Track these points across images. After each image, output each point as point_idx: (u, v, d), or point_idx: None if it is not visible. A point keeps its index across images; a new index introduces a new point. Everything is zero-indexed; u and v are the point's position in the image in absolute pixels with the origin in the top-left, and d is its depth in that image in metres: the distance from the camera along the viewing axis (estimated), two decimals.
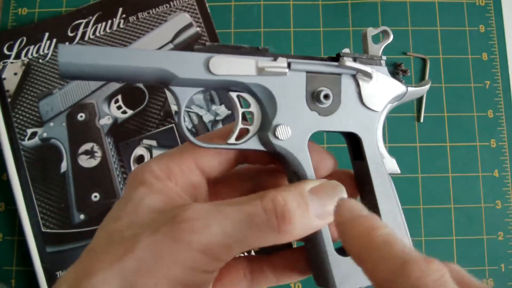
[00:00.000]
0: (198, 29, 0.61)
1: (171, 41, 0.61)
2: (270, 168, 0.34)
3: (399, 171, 0.32)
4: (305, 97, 0.31)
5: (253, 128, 0.31)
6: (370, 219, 0.23)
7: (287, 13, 0.63)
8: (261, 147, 0.30)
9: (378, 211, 0.31)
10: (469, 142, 0.60)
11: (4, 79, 0.59)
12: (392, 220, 0.31)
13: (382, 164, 0.32)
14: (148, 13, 0.62)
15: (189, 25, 0.61)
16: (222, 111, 0.59)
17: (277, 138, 0.30)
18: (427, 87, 0.34)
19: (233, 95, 0.30)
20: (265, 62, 0.30)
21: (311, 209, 0.27)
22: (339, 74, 0.31)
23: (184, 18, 0.61)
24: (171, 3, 0.62)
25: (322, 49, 0.62)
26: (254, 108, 0.31)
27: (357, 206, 0.24)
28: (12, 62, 0.60)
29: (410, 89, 0.33)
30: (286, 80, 0.30)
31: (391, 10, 0.64)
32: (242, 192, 0.33)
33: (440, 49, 0.62)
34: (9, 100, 0.59)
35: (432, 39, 0.63)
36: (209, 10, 0.61)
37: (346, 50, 0.32)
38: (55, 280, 0.54)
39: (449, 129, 0.60)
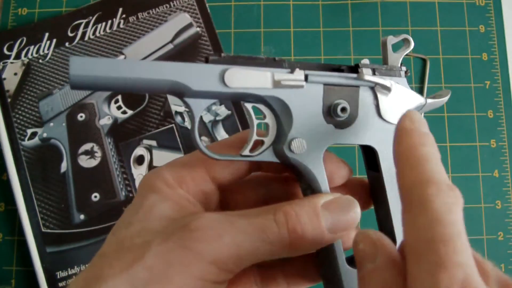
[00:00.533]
0: (198, 29, 0.61)
1: (171, 41, 0.61)
2: (283, 176, 0.34)
3: None
4: (321, 109, 0.30)
5: (267, 140, 0.30)
6: (425, 136, 0.24)
7: (287, 13, 0.63)
8: (275, 159, 0.30)
9: (391, 223, 0.31)
10: (469, 142, 0.60)
11: (4, 79, 0.59)
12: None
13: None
14: (148, 13, 0.62)
15: (189, 25, 0.61)
16: (222, 111, 0.59)
17: (292, 151, 0.29)
18: (446, 98, 0.34)
19: (248, 106, 0.30)
20: (281, 74, 0.29)
21: (323, 224, 0.27)
22: (357, 86, 0.31)
23: (184, 18, 0.61)
24: (171, 3, 0.62)
25: (322, 49, 0.62)
26: (269, 120, 0.30)
27: (421, 120, 0.25)
28: (12, 62, 0.60)
29: (429, 101, 0.33)
30: (303, 92, 0.29)
31: (391, 10, 0.64)
32: (254, 199, 0.33)
33: (440, 49, 0.62)
34: (9, 100, 0.59)
35: (432, 39, 0.63)
36: (209, 10, 0.61)
37: (366, 61, 0.31)
38: (55, 280, 0.54)
39: (449, 129, 0.60)
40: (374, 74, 0.31)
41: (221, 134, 0.58)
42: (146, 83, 0.27)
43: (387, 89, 0.31)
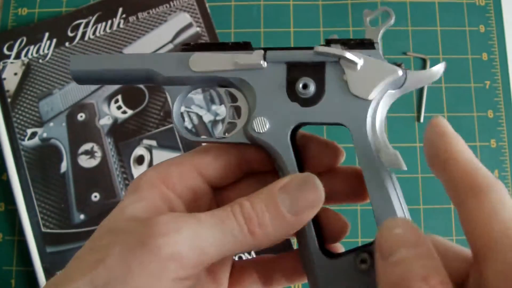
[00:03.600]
0: (198, 29, 0.61)
1: (171, 41, 0.61)
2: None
3: (403, 167, 0.28)
4: (285, 88, 0.30)
5: (239, 123, 0.31)
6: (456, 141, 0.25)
7: (287, 13, 0.63)
8: (246, 141, 0.30)
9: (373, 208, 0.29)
10: (469, 142, 0.60)
11: (4, 79, 0.59)
12: (388, 217, 0.28)
13: (374, 157, 0.29)
14: (148, 13, 0.62)
15: (189, 25, 0.61)
16: (222, 111, 0.59)
17: (254, 130, 0.29)
18: (438, 69, 0.31)
19: (221, 90, 0.31)
20: (240, 56, 0.30)
21: (281, 208, 0.26)
22: (323, 62, 0.30)
23: (184, 18, 0.61)
24: (171, 3, 0.62)
25: None
26: (240, 102, 0.31)
27: (447, 127, 0.25)
28: (12, 62, 0.60)
29: (411, 73, 0.30)
30: (265, 72, 0.30)
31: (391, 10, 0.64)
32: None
33: (440, 49, 0.62)
34: (9, 100, 0.59)
35: (432, 39, 0.63)
36: (209, 10, 0.61)
37: (334, 36, 0.31)
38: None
39: None
40: (344, 48, 0.30)
41: (221, 134, 0.58)
42: (127, 73, 0.31)
43: (352, 62, 0.29)
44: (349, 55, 0.29)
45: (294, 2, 0.64)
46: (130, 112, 0.59)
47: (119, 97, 0.59)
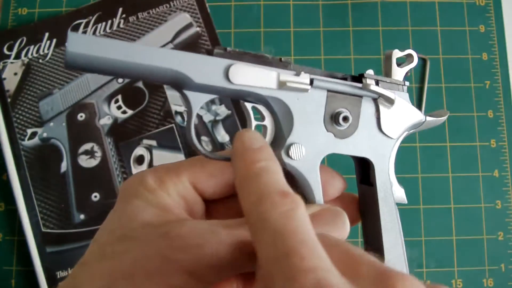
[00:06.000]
0: (198, 29, 0.61)
1: (171, 41, 0.61)
2: None
3: (406, 201, 0.31)
4: (323, 117, 0.29)
5: None
6: (257, 152, 0.23)
7: (287, 13, 0.63)
8: None
9: (380, 240, 0.30)
10: (469, 142, 0.60)
11: (4, 79, 0.59)
12: (393, 251, 0.30)
13: (391, 192, 0.30)
14: (148, 13, 0.62)
15: (189, 25, 0.61)
16: (222, 111, 0.59)
17: (290, 157, 0.28)
18: (444, 118, 0.33)
19: (248, 106, 0.29)
20: (288, 76, 0.28)
21: None
22: (360, 96, 0.30)
23: (184, 18, 0.61)
24: (171, 3, 0.62)
25: (322, 49, 0.62)
26: (268, 122, 0.29)
27: (251, 137, 0.23)
28: (12, 62, 0.60)
29: (428, 119, 0.32)
30: (306, 97, 0.29)
31: (391, 10, 0.64)
32: (239, 212, 0.32)
33: (440, 49, 0.62)
34: (9, 100, 0.59)
35: (432, 39, 0.63)
36: (209, 10, 0.61)
37: (370, 72, 0.31)
38: (55, 280, 0.54)
39: (449, 129, 0.60)
40: (377, 85, 0.30)
41: (221, 134, 0.58)
42: (147, 70, 0.25)
43: (391, 101, 0.30)
44: (394, 96, 0.30)
45: (294, 2, 0.64)
46: (130, 112, 0.59)
47: (119, 97, 0.59)
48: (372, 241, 0.31)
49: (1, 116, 0.58)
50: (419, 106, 0.61)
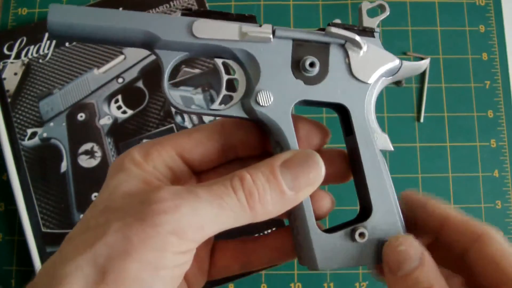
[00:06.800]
0: None
1: None
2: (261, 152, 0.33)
3: (391, 148, 0.31)
4: (290, 64, 0.30)
5: (236, 95, 0.30)
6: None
7: (287, 13, 0.63)
8: (243, 115, 0.30)
9: (366, 187, 0.30)
10: (469, 142, 0.60)
11: (4, 79, 0.59)
12: (381, 197, 0.30)
13: (372, 138, 0.30)
14: (148, 13, 0.62)
15: None
16: None
17: (259, 104, 0.29)
18: (424, 62, 0.33)
19: (219, 61, 0.30)
20: (249, 27, 0.30)
21: (282, 184, 0.26)
22: (328, 43, 0.31)
23: None
24: (171, 3, 0.62)
25: None
26: (238, 75, 0.30)
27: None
28: (12, 62, 0.60)
29: (405, 63, 0.32)
30: (271, 47, 0.30)
31: (391, 10, 0.63)
32: None
33: (440, 49, 0.62)
34: (9, 100, 0.59)
35: (432, 39, 0.63)
36: None
37: (337, 21, 0.31)
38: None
39: (449, 129, 0.60)
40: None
41: None
42: (119, 32, 0.28)
43: (357, 45, 0.30)
44: (359, 38, 0.30)
45: (294, 2, 0.64)
46: (130, 112, 0.59)
47: (119, 97, 0.59)
48: (361, 193, 0.31)
49: (1, 116, 0.58)
50: (419, 106, 0.61)
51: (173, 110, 0.59)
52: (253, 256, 0.33)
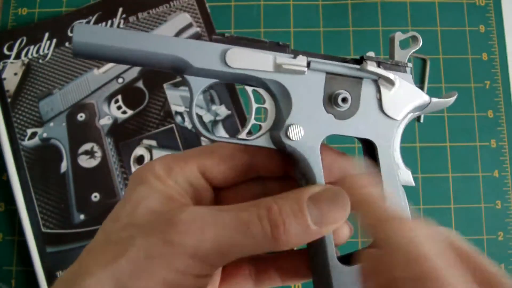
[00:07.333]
0: (198, 29, 0.61)
1: None
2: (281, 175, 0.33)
3: (413, 184, 0.31)
4: (322, 98, 0.30)
5: (265, 125, 0.30)
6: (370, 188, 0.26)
7: (287, 13, 0.63)
8: (271, 146, 0.29)
9: None
10: (469, 142, 0.60)
11: (4, 79, 0.59)
12: None
13: (396, 174, 0.30)
14: (148, 13, 0.62)
15: (189, 25, 0.61)
16: (222, 111, 0.59)
17: (289, 138, 0.29)
18: (452, 99, 0.33)
19: (249, 89, 0.30)
20: (284, 58, 0.29)
21: (308, 219, 0.26)
22: (360, 78, 0.30)
23: (184, 18, 0.61)
24: (171, 3, 0.62)
25: (322, 49, 0.62)
26: (268, 105, 0.30)
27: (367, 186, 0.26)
28: (12, 62, 0.60)
29: (434, 100, 0.32)
30: (305, 79, 0.29)
31: (391, 10, 0.64)
32: (249, 199, 0.32)
33: (440, 49, 0.62)
34: (9, 100, 0.59)
35: (432, 39, 0.63)
36: (209, 10, 0.61)
37: (371, 54, 0.31)
38: (55, 280, 0.54)
39: (449, 129, 0.60)
40: (378, 67, 0.31)
41: (221, 134, 0.58)
42: (149, 56, 0.27)
43: (391, 82, 0.30)
44: (393, 77, 0.30)
45: (294, 2, 0.64)
46: (130, 112, 0.59)
47: (119, 97, 0.59)
48: None
49: (1, 116, 0.58)
50: None
51: (173, 110, 0.59)
52: (265, 276, 0.33)
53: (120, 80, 0.60)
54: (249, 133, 0.30)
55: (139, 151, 0.58)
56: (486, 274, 0.21)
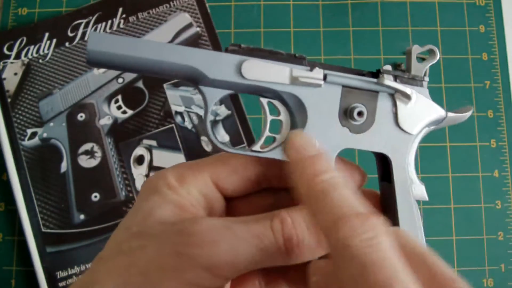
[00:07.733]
0: (198, 29, 0.61)
1: (171, 41, 0.61)
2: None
3: (427, 199, 0.31)
4: (338, 111, 0.29)
5: (279, 138, 0.29)
6: (314, 162, 0.23)
7: (287, 13, 0.63)
8: (285, 158, 0.29)
9: None
10: (469, 142, 0.60)
11: (4, 79, 0.59)
12: None
13: (410, 189, 0.30)
14: (148, 13, 0.62)
15: (189, 25, 0.61)
16: (222, 111, 0.59)
17: None
18: (468, 114, 0.33)
19: (264, 101, 0.29)
20: (300, 71, 0.29)
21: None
22: (377, 92, 0.30)
23: (184, 18, 0.61)
24: (171, 3, 0.62)
25: (322, 49, 0.62)
26: (283, 117, 0.30)
27: (304, 144, 0.24)
28: (12, 62, 0.60)
29: (450, 114, 0.32)
30: (321, 92, 0.29)
31: (391, 10, 0.64)
32: (261, 209, 0.32)
33: (440, 49, 0.62)
34: (9, 100, 0.59)
35: (432, 39, 0.63)
36: (209, 10, 0.61)
37: (387, 67, 0.31)
38: (55, 280, 0.54)
39: (449, 129, 0.60)
40: (395, 81, 0.30)
41: (221, 134, 0.58)
42: (164, 66, 0.27)
43: (407, 97, 0.30)
44: (410, 91, 0.30)
45: (294, 2, 0.64)
46: (130, 112, 0.59)
47: (119, 97, 0.59)
48: None
49: (1, 116, 0.58)
50: None
51: (173, 110, 0.59)
52: (277, 284, 0.33)
53: (120, 80, 0.60)
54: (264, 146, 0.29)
55: (139, 151, 0.58)
56: (441, 277, 0.20)
